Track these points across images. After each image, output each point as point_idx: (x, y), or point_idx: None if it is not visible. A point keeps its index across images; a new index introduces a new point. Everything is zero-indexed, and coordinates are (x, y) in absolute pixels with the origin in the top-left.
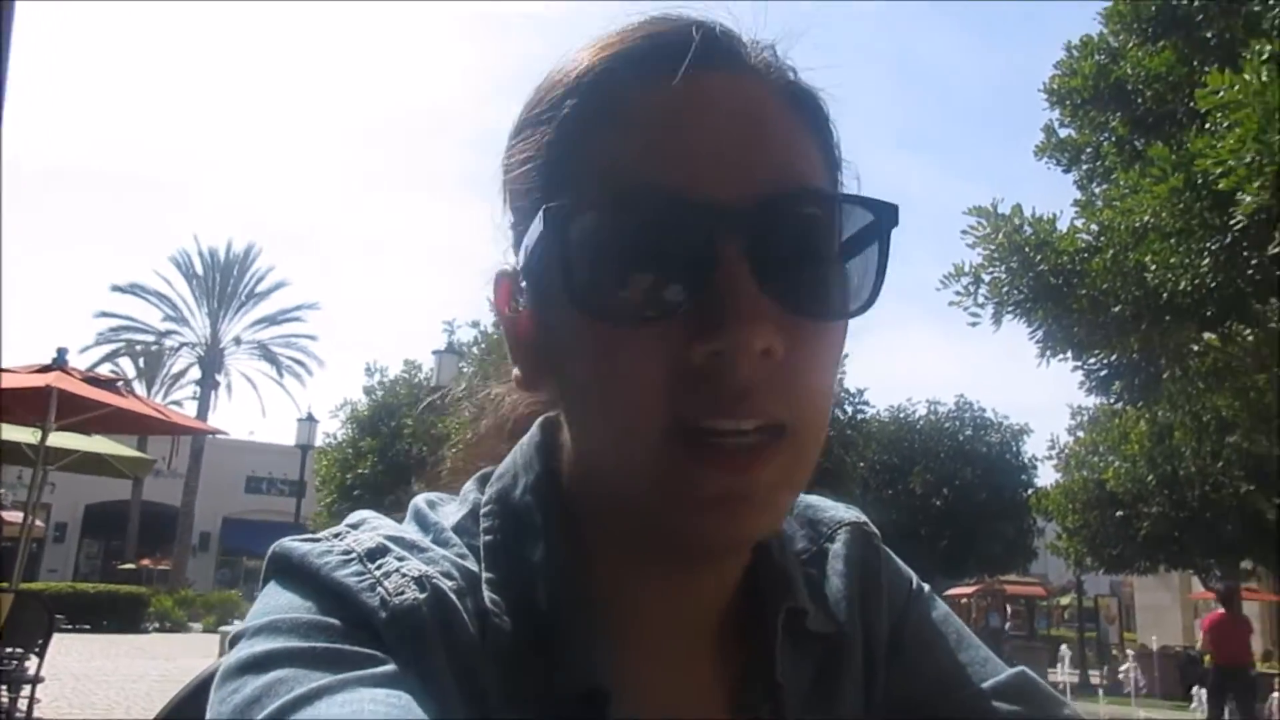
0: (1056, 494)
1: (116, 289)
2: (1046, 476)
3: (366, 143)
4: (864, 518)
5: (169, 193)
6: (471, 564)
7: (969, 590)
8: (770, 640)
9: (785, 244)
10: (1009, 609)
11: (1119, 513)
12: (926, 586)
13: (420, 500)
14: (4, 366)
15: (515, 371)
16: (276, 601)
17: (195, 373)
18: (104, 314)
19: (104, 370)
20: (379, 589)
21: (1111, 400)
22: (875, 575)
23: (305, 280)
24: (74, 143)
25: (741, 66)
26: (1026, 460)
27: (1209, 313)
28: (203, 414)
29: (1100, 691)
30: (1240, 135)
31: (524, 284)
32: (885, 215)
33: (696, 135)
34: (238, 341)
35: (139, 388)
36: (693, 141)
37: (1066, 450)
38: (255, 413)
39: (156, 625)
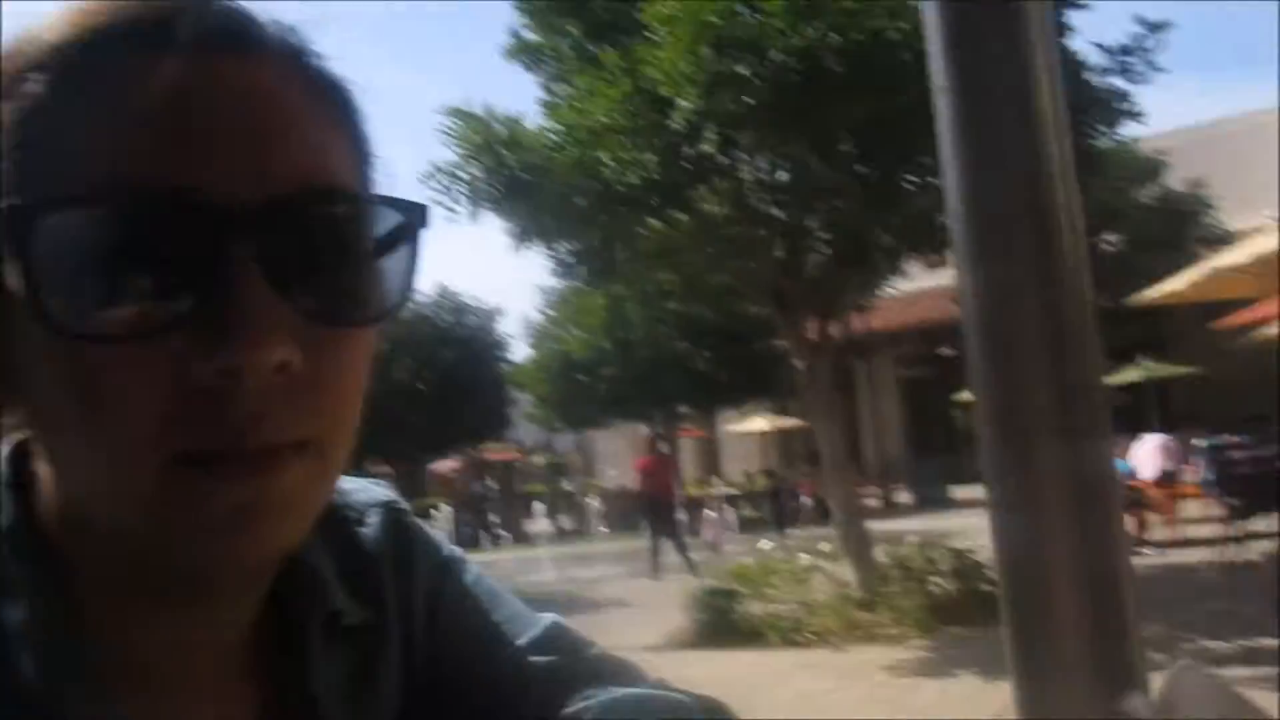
0: (529, 367)
1: None
2: (520, 353)
3: None
4: (394, 495)
5: None
6: None
7: (455, 464)
8: (304, 650)
9: (304, 247)
10: (490, 475)
11: (581, 378)
12: (459, 552)
13: None
14: None
15: None
16: None
17: None
18: None
19: None
20: None
21: (576, 282)
22: (408, 553)
23: None
24: None
25: (258, 49)
26: (502, 339)
27: (654, 202)
28: None
29: (569, 534)
30: (677, 47)
31: None
32: (415, 215)
33: (201, 125)
34: None
35: None
36: (196, 132)
37: (537, 328)
38: None
39: None
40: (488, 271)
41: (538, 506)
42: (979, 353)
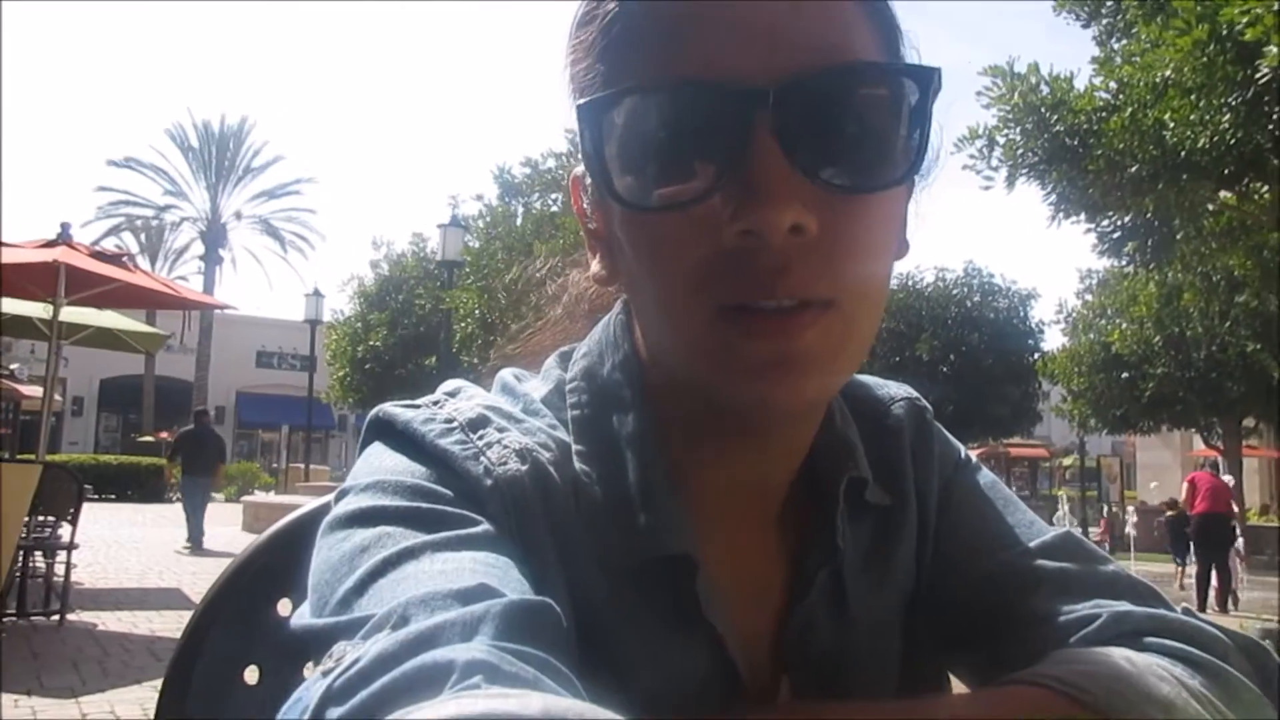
0: (1063, 358)
1: (112, 163)
2: (1053, 341)
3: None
4: (915, 393)
5: (162, 64)
6: (562, 435)
7: (974, 453)
8: (832, 507)
9: (820, 119)
10: (1013, 472)
11: (1124, 374)
12: (974, 456)
13: (507, 374)
14: (7, 241)
15: (594, 267)
16: (381, 463)
17: (198, 248)
18: (103, 188)
19: (108, 245)
20: (482, 459)
21: (1123, 263)
22: (927, 447)
23: (301, 154)
24: (61, 15)
25: None
26: (1034, 325)
27: (1227, 170)
28: (209, 289)
29: (1106, 547)
30: None
31: (587, 182)
32: (925, 81)
33: (723, 18)
34: (238, 216)
35: (143, 262)
36: (719, 24)
37: (1074, 314)
38: (261, 288)
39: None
40: (1022, 248)
41: (1062, 514)
42: None
